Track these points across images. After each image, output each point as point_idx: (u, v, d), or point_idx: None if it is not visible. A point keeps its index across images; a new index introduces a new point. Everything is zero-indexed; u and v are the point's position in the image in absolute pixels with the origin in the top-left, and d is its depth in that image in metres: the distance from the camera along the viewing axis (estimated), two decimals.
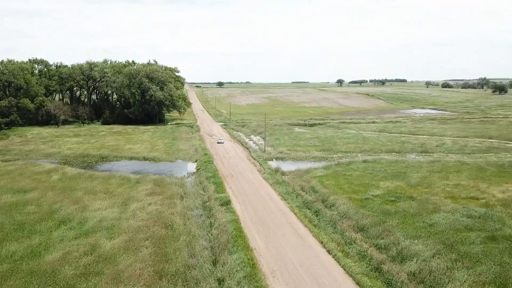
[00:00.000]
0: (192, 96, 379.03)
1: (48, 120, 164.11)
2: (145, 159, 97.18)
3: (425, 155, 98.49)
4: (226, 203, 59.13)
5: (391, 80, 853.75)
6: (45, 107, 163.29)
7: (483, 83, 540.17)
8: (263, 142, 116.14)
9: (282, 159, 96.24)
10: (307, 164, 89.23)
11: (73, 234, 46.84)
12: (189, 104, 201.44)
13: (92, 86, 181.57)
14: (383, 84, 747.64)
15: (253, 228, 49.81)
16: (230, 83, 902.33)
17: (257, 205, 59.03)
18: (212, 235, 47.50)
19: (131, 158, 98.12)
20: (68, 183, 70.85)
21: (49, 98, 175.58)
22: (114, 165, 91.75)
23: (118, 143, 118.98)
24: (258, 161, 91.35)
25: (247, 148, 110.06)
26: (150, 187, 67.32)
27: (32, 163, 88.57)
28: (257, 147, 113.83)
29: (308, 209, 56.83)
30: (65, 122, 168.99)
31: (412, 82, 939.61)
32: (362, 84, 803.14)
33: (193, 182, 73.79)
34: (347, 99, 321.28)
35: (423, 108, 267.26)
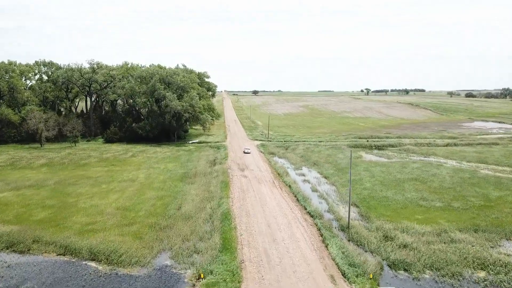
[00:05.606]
0: (227, 104, 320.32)
1: (35, 136, 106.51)
2: (92, 256, 36.45)
3: None
4: None
5: (412, 90, 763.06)
6: (30, 120, 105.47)
7: (506, 93, 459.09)
8: (328, 186, 55.28)
9: (406, 268, 33.92)
10: None
11: None
12: (217, 116, 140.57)
13: (96, 93, 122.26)
14: (407, 93, 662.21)
15: None
16: (264, 91, 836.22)
17: None
18: None
19: (65, 250, 37.78)
20: None
21: (42, 108, 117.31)
22: None
23: (82, 190, 59.15)
24: None
25: (309, 213, 47.61)
26: None
27: None
28: (326, 205, 52.03)
29: None
30: (61, 139, 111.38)
31: (430, 91, 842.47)
32: (387, 93, 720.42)
33: None
34: (391, 108, 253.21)
35: (484, 120, 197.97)
